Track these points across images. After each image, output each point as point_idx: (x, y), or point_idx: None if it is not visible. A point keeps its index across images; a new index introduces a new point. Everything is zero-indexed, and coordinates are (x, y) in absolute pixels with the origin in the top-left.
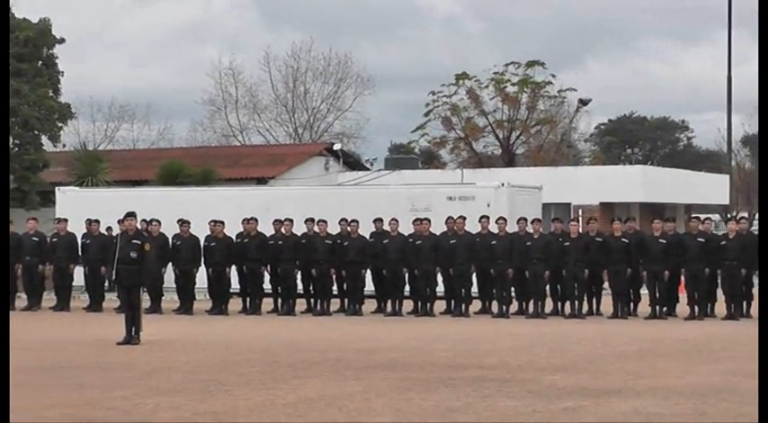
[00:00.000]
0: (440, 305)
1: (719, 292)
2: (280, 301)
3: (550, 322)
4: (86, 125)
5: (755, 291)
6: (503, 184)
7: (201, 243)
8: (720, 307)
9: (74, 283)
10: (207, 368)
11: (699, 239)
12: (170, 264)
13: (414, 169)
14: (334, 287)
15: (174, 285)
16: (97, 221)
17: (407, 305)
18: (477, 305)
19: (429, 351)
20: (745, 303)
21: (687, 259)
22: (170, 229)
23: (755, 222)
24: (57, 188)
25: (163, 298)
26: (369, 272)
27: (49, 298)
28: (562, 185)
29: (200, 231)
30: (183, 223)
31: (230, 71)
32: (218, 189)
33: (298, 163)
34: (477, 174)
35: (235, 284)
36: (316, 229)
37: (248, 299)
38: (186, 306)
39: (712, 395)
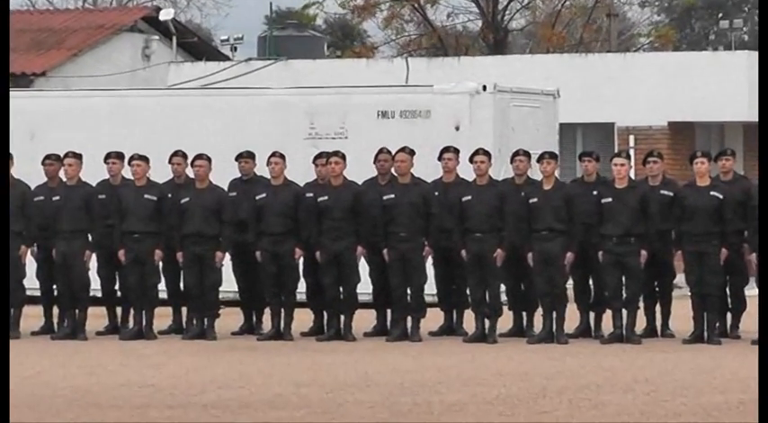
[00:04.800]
0: (369, 317)
1: None
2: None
3: (576, 350)
4: None
5: None
6: (484, 88)
7: None
8: None
9: None
10: None
11: None
12: None
13: (315, 58)
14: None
15: None
16: None
17: (302, 318)
18: (435, 317)
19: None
20: None
21: None
22: None
23: None
24: None
25: None
26: (228, 256)
27: None
28: (598, 90)
29: None
30: None
31: None
32: None
33: (89, 46)
34: (437, 67)
35: None
36: (127, 173)
37: None
38: None
39: None
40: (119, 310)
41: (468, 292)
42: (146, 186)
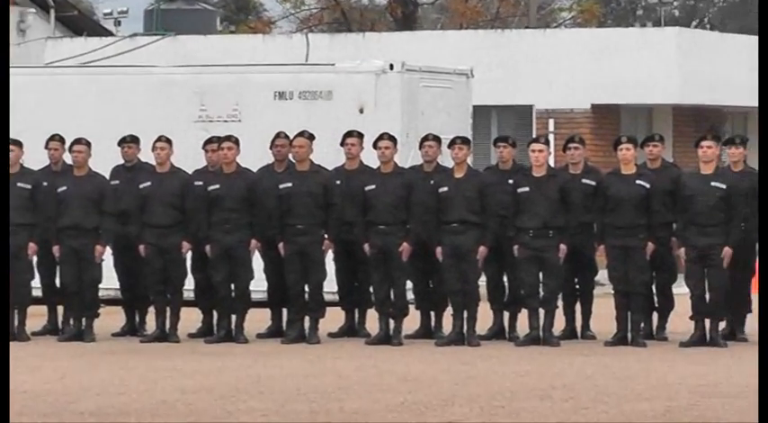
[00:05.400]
0: (262, 317)
1: None
2: None
3: (489, 353)
4: None
5: None
6: (391, 67)
7: None
8: None
9: None
10: None
11: None
12: None
13: (206, 34)
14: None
15: None
16: None
17: (190, 318)
18: (335, 317)
19: None
20: None
21: None
22: None
23: None
24: None
25: None
26: (109, 250)
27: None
28: (515, 69)
29: None
30: None
31: None
32: None
33: None
34: (340, 44)
35: None
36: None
37: None
38: None
39: None
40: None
41: (371, 289)
42: (19, 174)
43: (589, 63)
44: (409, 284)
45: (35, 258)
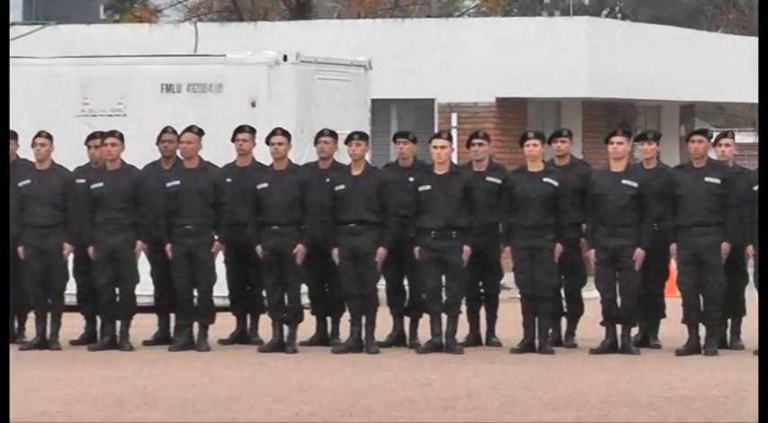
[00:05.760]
0: (149, 322)
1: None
2: None
3: (389, 360)
4: None
5: None
6: (285, 58)
7: None
8: (753, 326)
9: None
10: None
11: (709, 180)
12: None
13: (89, 23)
14: None
15: None
16: None
17: (72, 324)
18: (226, 323)
19: None
20: None
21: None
22: None
23: None
24: None
25: None
26: None
27: None
28: (416, 61)
29: None
30: None
31: None
32: None
33: None
34: (230, 34)
35: None
36: None
37: None
38: None
39: None
40: None
41: (264, 294)
42: None
43: (494, 54)
44: (304, 288)
45: None
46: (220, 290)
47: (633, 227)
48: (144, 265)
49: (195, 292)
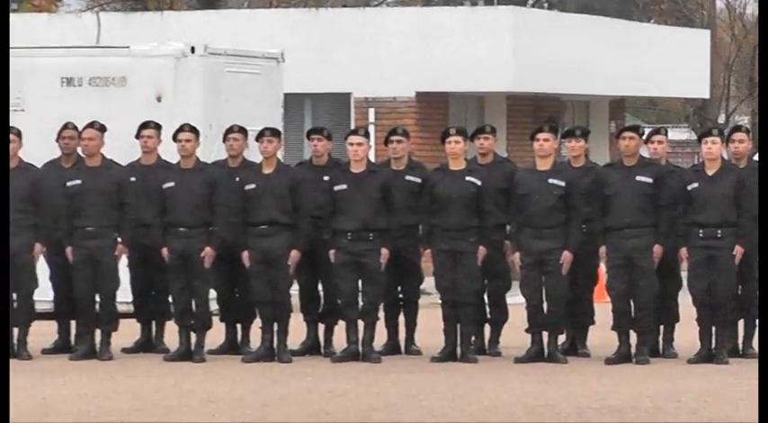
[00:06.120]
0: (48, 330)
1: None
2: None
3: (302, 370)
4: None
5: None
6: (192, 50)
7: None
8: (686, 333)
9: None
10: None
11: (641, 179)
12: None
13: None
14: None
15: None
16: None
17: None
18: (130, 330)
19: None
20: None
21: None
22: None
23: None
24: None
25: None
26: None
27: None
28: (331, 53)
29: None
30: None
31: None
32: None
33: None
34: (135, 24)
35: None
36: None
37: None
38: None
39: None
40: None
41: (170, 299)
42: None
43: (414, 46)
44: (213, 294)
45: None
46: (124, 295)
47: (560, 228)
48: (43, 269)
49: (97, 298)
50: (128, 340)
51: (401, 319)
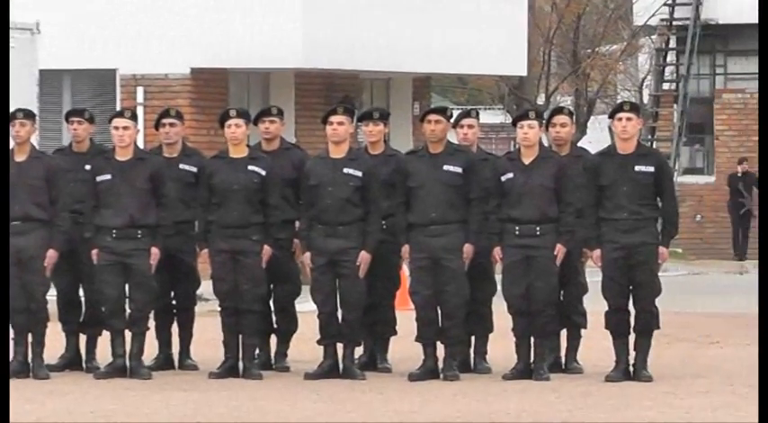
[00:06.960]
0: None
1: None
2: None
3: (59, 388)
4: None
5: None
6: None
7: None
8: (501, 345)
9: None
10: None
11: (448, 168)
12: None
13: None
14: None
15: None
16: None
17: None
18: None
19: None
20: None
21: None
22: None
23: None
24: None
25: None
26: None
27: None
28: (94, 24)
29: None
30: None
31: None
32: None
33: None
34: None
35: None
36: None
37: None
38: None
39: None
40: None
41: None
42: None
43: (189, 17)
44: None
45: None
46: None
47: (357, 225)
48: None
49: None
50: None
51: (174, 328)
